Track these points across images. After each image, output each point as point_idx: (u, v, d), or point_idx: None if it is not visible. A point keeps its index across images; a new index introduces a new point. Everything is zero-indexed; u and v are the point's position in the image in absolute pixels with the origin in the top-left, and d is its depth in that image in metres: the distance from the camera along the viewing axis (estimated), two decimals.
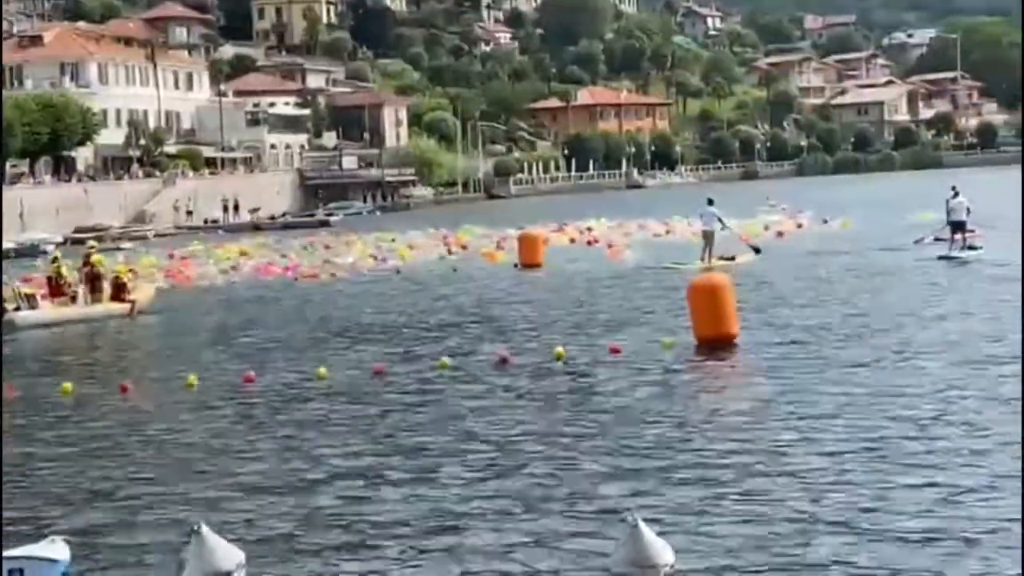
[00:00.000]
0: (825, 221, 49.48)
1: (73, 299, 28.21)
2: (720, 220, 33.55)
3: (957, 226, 32.45)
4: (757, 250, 34.01)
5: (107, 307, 28.14)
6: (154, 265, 42.98)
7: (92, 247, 30.84)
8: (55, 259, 29.92)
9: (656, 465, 11.75)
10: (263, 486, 11.73)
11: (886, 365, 16.46)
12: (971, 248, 32.21)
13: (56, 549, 8.83)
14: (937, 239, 33.64)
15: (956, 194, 33.06)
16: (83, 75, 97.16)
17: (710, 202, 33.87)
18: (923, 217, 42.28)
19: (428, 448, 13.01)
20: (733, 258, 33.40)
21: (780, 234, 44.55)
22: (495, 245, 44.59)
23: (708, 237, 33.36)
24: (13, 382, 18.38)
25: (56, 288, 28.41)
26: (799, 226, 48.26)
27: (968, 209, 32.70)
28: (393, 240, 49.89)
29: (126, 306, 28.15)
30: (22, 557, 8.59)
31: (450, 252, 43.30)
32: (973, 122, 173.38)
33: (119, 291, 28.47)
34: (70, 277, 28.86)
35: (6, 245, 58.43)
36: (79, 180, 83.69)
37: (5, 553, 8.71)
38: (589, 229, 51.50)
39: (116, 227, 72.37)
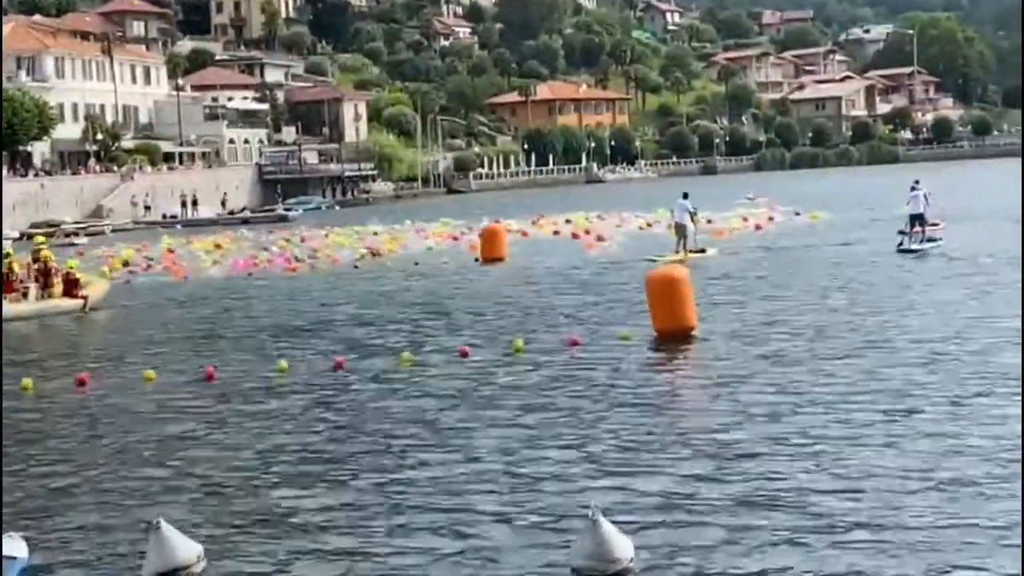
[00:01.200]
0: (797, 214, 50.02)
1: (25, 295, 27.92)
2: (690, 213, 33.61)
3: (916, 219, 32.82)
4: (703, 250, 33.98)
5: (59, 303, 27.89)
6: (131, 258, 42.65)
7: (41, 243, 30.54)
8: (7, 254, 29.54)
9: (614, 459, 11.81)
10: (222, 480, 11.71)
11: (845, 358, 16.60)
12: (931, 240, 32.55)
13: (14, 545, 8.77)
14: (900, 232, 33.90)
15: (915, 187, 33.44)
16: (39, 69, 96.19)
17: (685, 196, 33.97)
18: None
19: (387, 442, 13.03)
20: (703, 251, 33.63)
21: (759, 227, 44.97)
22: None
23: (680, 230, 33.55)
24: None
25: (8, 284, 28.07)
26: (770, 219, 48.62)
27: (926, 201, 33.04)
28: (375, 233, 49.71)
29: (79, 302, 27.93)
30: None
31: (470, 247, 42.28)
32: (929, 117, 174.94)
33: (71, 287, 28.22)
34: (21, 273, 28.49)
35: None
36: (35, 175, 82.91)
37: None
38: (568, 221, 51.87)
39: (69, 222, 71.72)
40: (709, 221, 46.02)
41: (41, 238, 33.23)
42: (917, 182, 34.34)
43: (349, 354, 18.98)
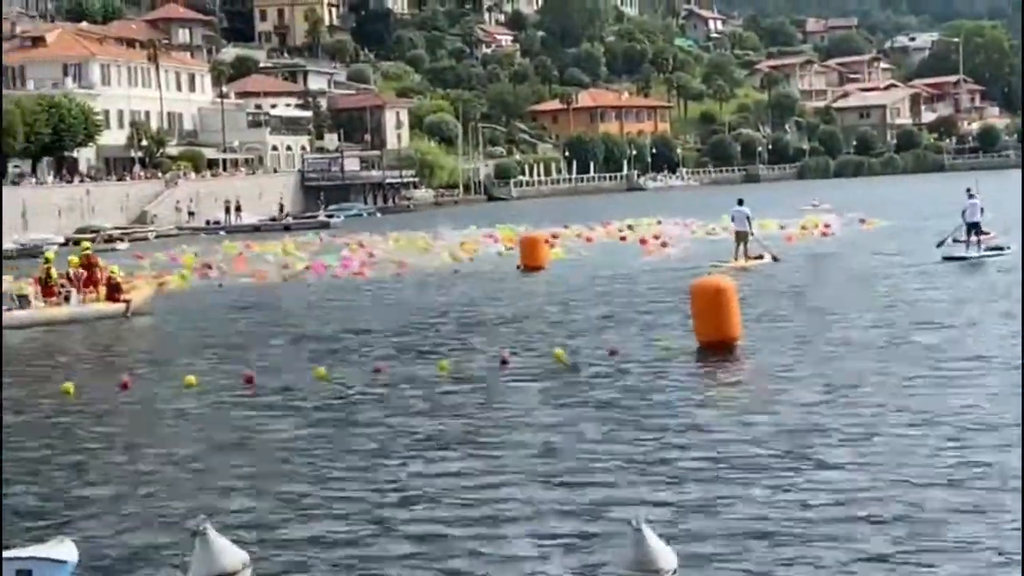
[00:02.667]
0: (863, 221, 50.12)
1: (67, 299, 28.17)
2: (748, 220, 33.51)
3: (972, 227, 32.69)
4: (776, 258, 33.82)
5: (101, 307, 28.11)
6: (195, 261, 42.90)
7: (87, 248, 30.80)
8: (47, 259, 29.86)
9: (653, 468, 11.74)
10: (266, 486, 11.73)
11: (891, 370, 16.40)
12: (996, 249, 32.27)
13: (64, 550, 8.80)
14: (955, 240, 33.63)
15: (972, 196, 33.22)
16: (85, 76, 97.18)
17: (740, 202, 33.86)
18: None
19: (426, 449, 13.00)
20: (761, 257, 33.56)
21: (824, 234, 45.17)
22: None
23: (741, 237, 33.43)
24: (12, 382, 18.41)
25: (48, 288, 28.33)
26: (827, 226, 48.47)
27: (982, 210, 32.91)
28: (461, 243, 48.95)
29: (121, 306, 28.13)
30: (30, 558, 8.54)
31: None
32: (974, 125, 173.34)
33: (114, 291, 28.45)
34: (60, 278, 28.67)
35: (8, 246, 58.58)
36: (81, 181, 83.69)
37: (13, 553, 8.69)
38: (630, 227, 52.16)
39: (108, 228, 72.17)
40: (782, 227, 46.28)
41: (87, 243, 33.52)
42: (971, 190, 34.01)
43: (390, 360, 18.98)
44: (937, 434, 12.52)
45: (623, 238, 47.90)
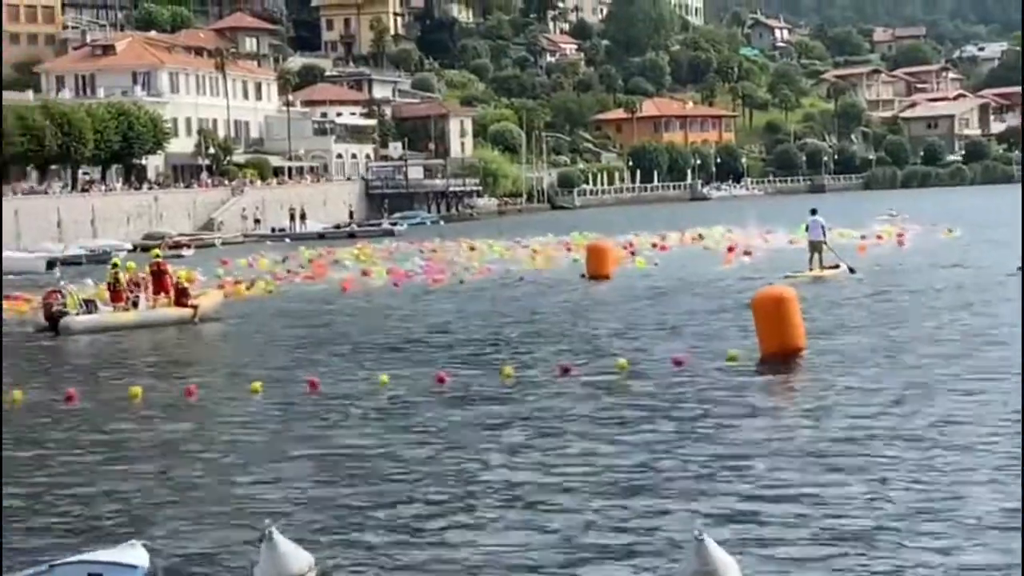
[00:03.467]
0: (951, 231, 50.03)
1: (135, 304, 28.53)
2: (823, 229, 33.36)
3: None
4: (852, 270, 33.45)
5: (169, 312, 28.43)
6: (278, 268, 43.15)
7: (156, 254, 31.24)
8: (114, 265, 30.30)
9: (716, 479, 11.68)
10: (330, 490, 11.80)
11: (958, 385, 16.12)
12: None
13: (135, 554, 8.87)
14: None
15: None
16: (154, 84, 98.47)
17: (814, 212, 33.66)
18: None
19: (487, 455, 13.00)
20: (837, 267, 33.32)
21: (900, 243, 45.08)
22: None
23: (815, 246, 33.26)
24: (76, 387, 18.64)
25: (116, 294, 28.74)
26: (900, 235, 48.09)
27: None
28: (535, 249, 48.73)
29: (188, 311, 28.43)
30: (102, 562, 8.62)
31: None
32: None
33: (181, 297, 28.78)
34: (126, 283, 29.04)
35: (77, 251, 59.49)
36: (149, 188, 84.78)
37: (85, 557, 8.78)
38: (701, 236, 52.44)
39: (174, 235, 72.82)
40: (863, 236, 46.09)
41: (157, 250, 33.95)
42: None
43: (454, 367, 19.01)
44: (1002, 449, 12.32)
45: (706, 247, 47.70)
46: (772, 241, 47.94)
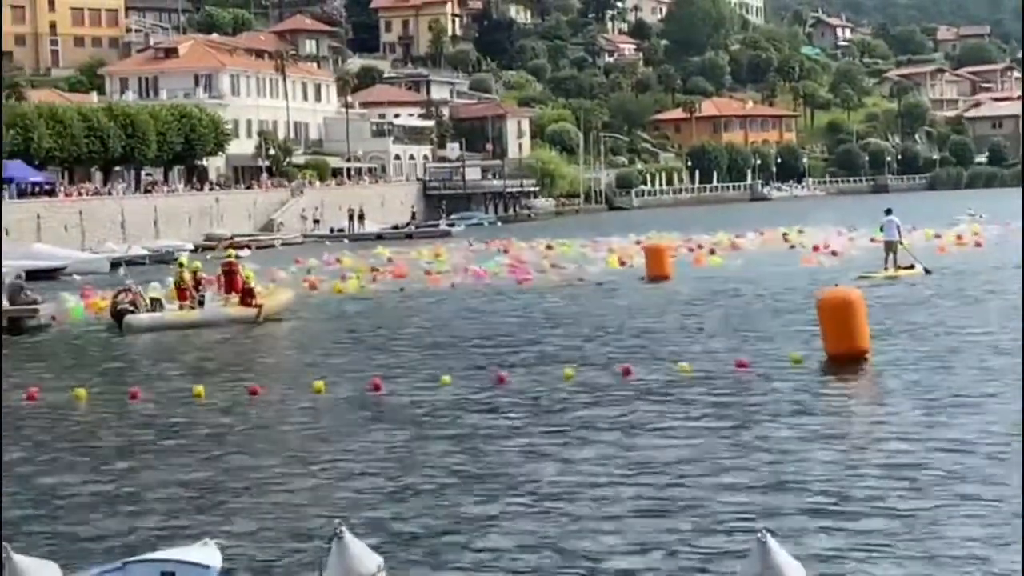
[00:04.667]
0: None
1: (201, 303, 28.82)
2: (898, 229, 33.39)
3: None
4: (928, 271, 33.20)
5: (233, 311, 28.66)
6: (362, 267, 43.64)
7: (230, 254, 31.55)
8: (180, 265, 30.71)
9: (778, 481, 11.59)
10: (398, 491, 11.83)
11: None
12: None
13: (209, 553, 8.89)
14: None
15: None
16: (215, 86, 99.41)
17: (888, 211, 33.63)
18: None
19: (550, 456, 12.95)
20: (912, 267, 33.20)
21: (978, 244, 44.88)
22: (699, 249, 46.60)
23: (890, 246, 33.26)
24: (140, 384, 18.81)
25: (181, 292, 29.10)
26: (975, 235, 47.57)
27: None
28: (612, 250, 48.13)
29: (253, 311, 28.61)
30: (175, 560, 8.64)
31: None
32: None
33: (246, 296, 28.99)
34: (192, 282, 29.38)
35: (140, 251, 60.12)
36: (211, 189, 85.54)
37: (159, 555, 8.80)
38: (785, 235, 52.68)
39: (227, 235, 73.24)
40: (937, 236, 45.99)
41: (231, 250, 34.23)
42: None
43: (517, 368, 18.98)
44: None
45: (792, 246, 47.61)
46: (856, 240, 47.43)
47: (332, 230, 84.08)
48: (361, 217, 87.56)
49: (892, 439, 13.17)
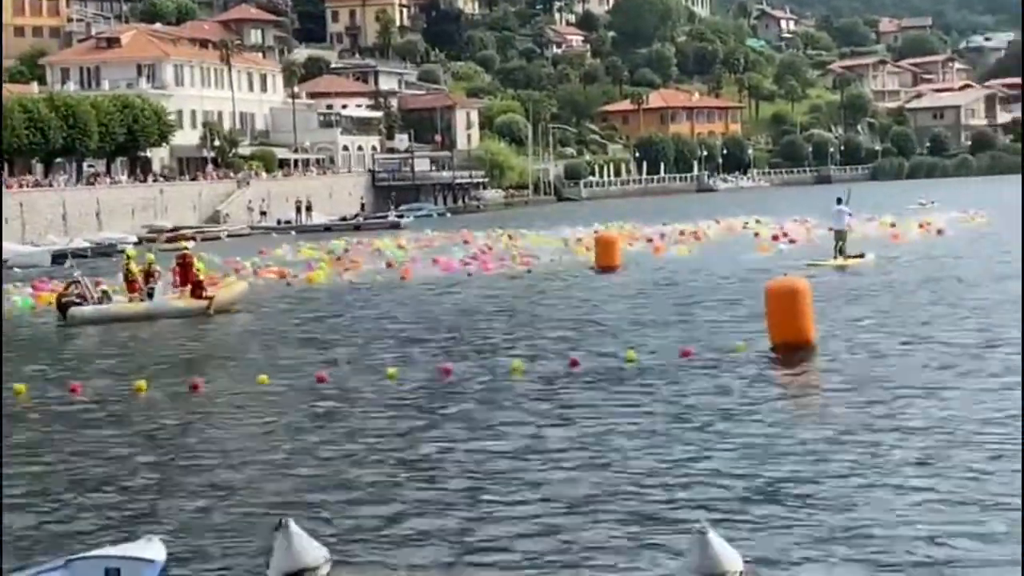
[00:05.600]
0: (973, 218, 51.76)
1: (151, 295, 28.62)
2: (847, 219, 34.28)
3: None
4: (862, 255, 34.05)
5: (183, 304, 28.47)
6: (326, 258, 43.49)
7: (186, 246, 31.37)
8: (128, 257, 30.52)
9: (721, 471, 11.64)
10: (344, 483, 11.78)
11: (967, 382, 16.00)
12: None
13: (153, 548, 8.80)
14: None
15: None
16: (159, 76, 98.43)
17: (839, 201, 34.26)
18: None
19: (488, 450, 12.96)
20: (863, 255, 33.81)
21: (940, 231, 45.74)
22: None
23: (840, 235, 33.88)
24: (81, 379, 18.60)
25: (131, 285, 28.92)
26: (926, 224, 48.37)
27: None
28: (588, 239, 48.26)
29: (203, 303, 28.43)
30: (119, 557, 8.55)
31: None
32: None
33: (197, 288, 28.81)
34: (140, 275, 29.21)
35: (82, 244, 59.43)
36: (155, 180, 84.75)
37: (103, 552, 8.71)
38: (745, 225, 54.11)
39: (169, 228, 72.66)
40: (893, 225, 47.48)
41: (186, 243, 34.05)
42: None
43: (460, 362, 18.94)
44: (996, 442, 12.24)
45: (756, 233, 48.52)
46: (813, 230, 47.94)
47: (279, 222, 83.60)
48: (308, 208, 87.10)
49: (835, 428, 13.27)
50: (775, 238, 44.30)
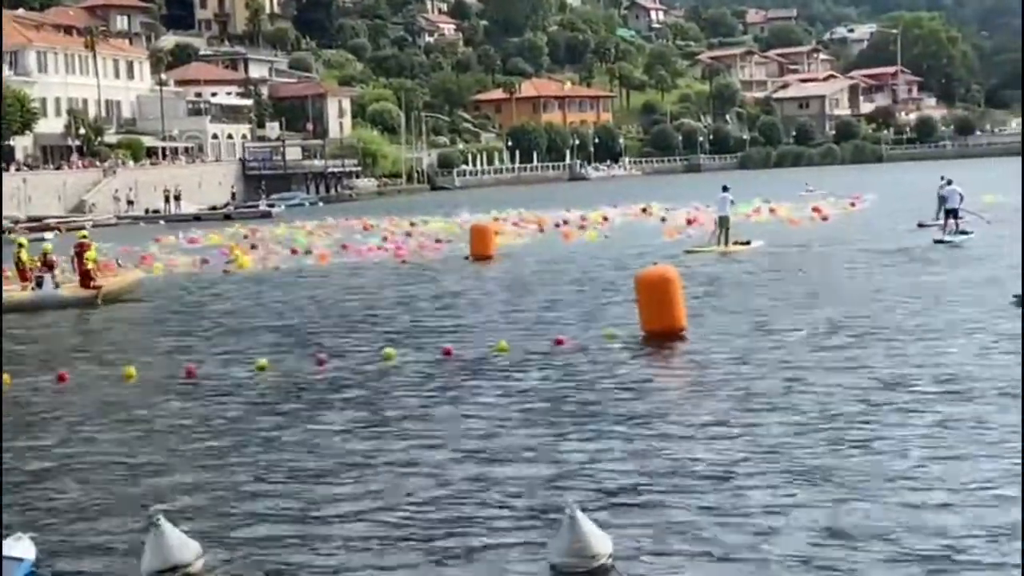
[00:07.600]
0: (853, 204, 53.72)
1: (39, 284, 28.07)
2: (730, 206, 34.87)
3: (950, 212, 34.81)
4: (747, 242, 34.76)
5: (70, 293, 28.10)
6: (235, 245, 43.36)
7: (84, 234, 30.78)
8: (20, 245, 30.12)
9: (591, 456, 11.80)
10: (215, 478, 11.69)
11: (844, 358, 16.50)
12: (963, 233, 34.12)
13: (22, 546, 8.68)
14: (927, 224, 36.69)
15: (949, 183, 35.87)
16: (22, 63, 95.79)
17: (725, 188, 34.77)
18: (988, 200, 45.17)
19: (363, 440, 12.99)
20: (748, 242, 34.38)
21: (825, 218, 46.99)
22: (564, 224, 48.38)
23: (723, 222, 34.35)
24: None
25: (23, 273, 28.45)
26: (815, 210, 50.08)
27: (961, 196, 34.92)
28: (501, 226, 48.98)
29: (91, 292, 27.95)
30: None
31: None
32: (912, 117, 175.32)
33: (85, 278, 28.29)
34: (31, 263, 28.88)
35: None
36: (18, 170, 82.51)
37: None
38: (644, 210, 55.66)
39: (23, 219, 70.83)
40: (772, 211, 49.41)
41: (84, 231, 33.40)
42: (947, 179, 36.94)
43: (333, 352, 18.91)
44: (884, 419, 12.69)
45: (663, 219, 49.55)
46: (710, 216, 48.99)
47: (147, 211, 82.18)
48: (177, 198, 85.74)
49: (703, 416, 13.57)
50: (689, 222, 45.00)
